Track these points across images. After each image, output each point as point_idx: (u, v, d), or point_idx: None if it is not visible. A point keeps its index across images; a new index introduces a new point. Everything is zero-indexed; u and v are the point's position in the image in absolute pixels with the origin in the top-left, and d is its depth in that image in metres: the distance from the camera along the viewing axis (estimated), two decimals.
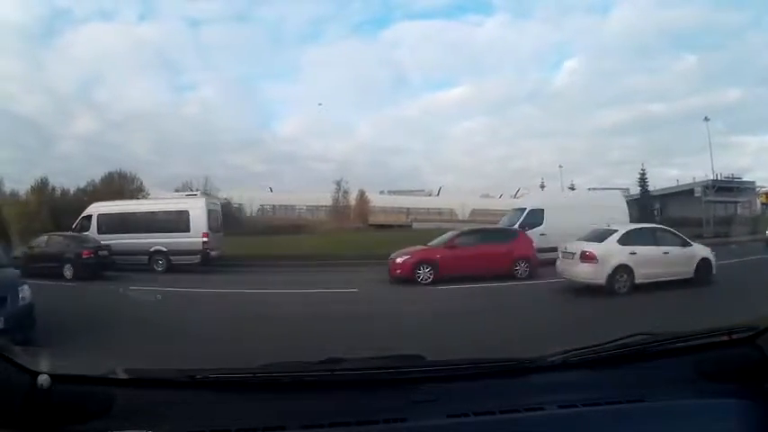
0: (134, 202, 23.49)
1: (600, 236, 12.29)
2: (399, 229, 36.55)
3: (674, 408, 1.70)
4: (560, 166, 53.97)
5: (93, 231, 17.65)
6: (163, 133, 62.81)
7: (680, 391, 1.77)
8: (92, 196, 33.96)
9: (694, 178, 41.42)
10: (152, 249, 17.36)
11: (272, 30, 71.76)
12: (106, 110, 58.02)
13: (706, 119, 38.32)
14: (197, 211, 17.88)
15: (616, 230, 12.18)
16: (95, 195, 34.20)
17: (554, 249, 15.60)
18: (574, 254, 11.89)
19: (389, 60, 75.54)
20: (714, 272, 11.90)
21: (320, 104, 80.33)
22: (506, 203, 49.93)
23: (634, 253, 11.24)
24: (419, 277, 13.85)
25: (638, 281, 10.81)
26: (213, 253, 17.83)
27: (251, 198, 43.88)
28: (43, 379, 1.58)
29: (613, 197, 21.57)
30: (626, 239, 11.67)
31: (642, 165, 43.24)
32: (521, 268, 14.55)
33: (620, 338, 1.97)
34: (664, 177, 69.28)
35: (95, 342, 5.60)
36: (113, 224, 17.87)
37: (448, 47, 73.57)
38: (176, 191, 37.19)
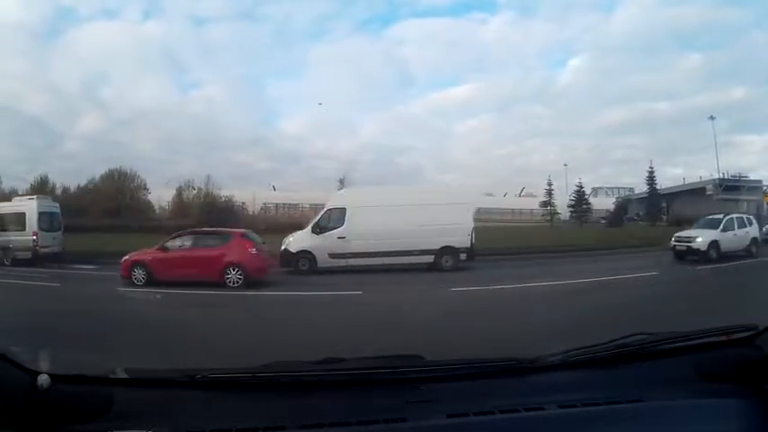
0: None
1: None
2: None
3: (673, 408, 1.69)
4: (565, 165, 54.05)
5: None
6: (167, 131, 63.35)
7: (679, 391, 1.77)
8: (92, 194, 34.33)
9: (701, 177, 41.30)
10: (3, 245, 19.55)
11: (277, 28, 72.08)
12: (111, 108, 58.53)
13: (711, 117, 38.28)
14: (30, 212, 19.91)
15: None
16: (96, 193, 34.57)
17: (357, 255, 15.01)
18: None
19: (394, 58, 75.82)
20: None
21: (320, 104, 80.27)
22: (510, 202, 50.19)
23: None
24: (135, 279, 13.23)
25: None
26: (45, 250, 19.61)
27: (254, 196, 43.96)
28: (43, 379, 1.59)
29: (462, 194, 17.79)
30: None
31: (651, 163, 43.02)
32: (232, 276, 13.04)
33: (620, 338, 1.97)
34: (668, 176, 69.02)
35: (95, 342, 5.62)
36: None
37: (453, 45, 73.88)
38: (178, 188, 37.57)
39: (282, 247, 16.30)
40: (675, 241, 18.53)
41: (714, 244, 17.54)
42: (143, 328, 6.90)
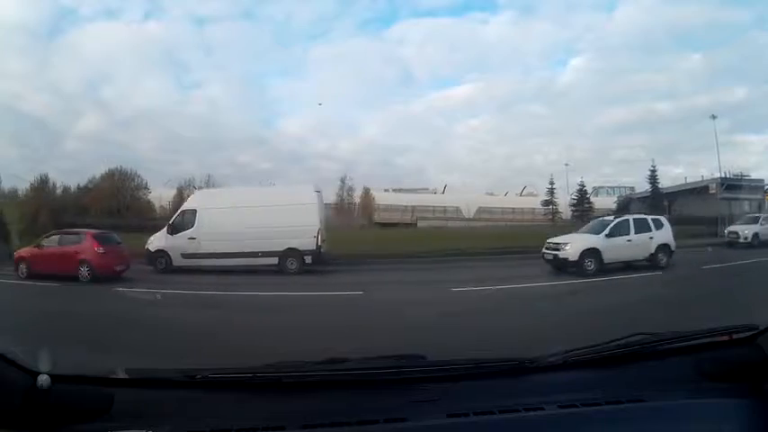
0: None
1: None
2: (404, 228, 36.48)
3: (674, 408, 1.69)
4: (566, 165, 54.00)
5: None
6: (168, 131, 63.20)
7: (680, 391, 1.77)
8: (92, 194, 34.33)
9: (702, 176, 41.18)
10: None
11: (278, 28, 71.87)
12: (112, 108, 58.50)
13: (713, 117, 38.16)
14: None
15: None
16: (96, 193, 34.56)
17: (207, 256, 15.35)
18: None
19: (395, 58, 75.54)
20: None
21: (320, 104, 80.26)
22: (511, 201, 50.13)
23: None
24: (20, 272, 14.75)
25: None
26: None
27: None
28: (43, 379, 1.59)
29: (304, 194, 16.91)
30: None
31: (653, 162, 42.90)
32: (83, 271, 14.11)
33: (620, 338, 1.96)
34: (668, 176, 68.90)
35: (95, 342, 5.61)
36: None
37: (453, 45, 73.74)
38: (178, 188, 37.60)
39: (146, 247, 16.91)
40: (545, 248, 15.53)
41: (591, 253, 14.37)
42: (143, 328, 6.90)
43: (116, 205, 32.73)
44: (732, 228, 24.51)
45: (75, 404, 1.64)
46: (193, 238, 16.06)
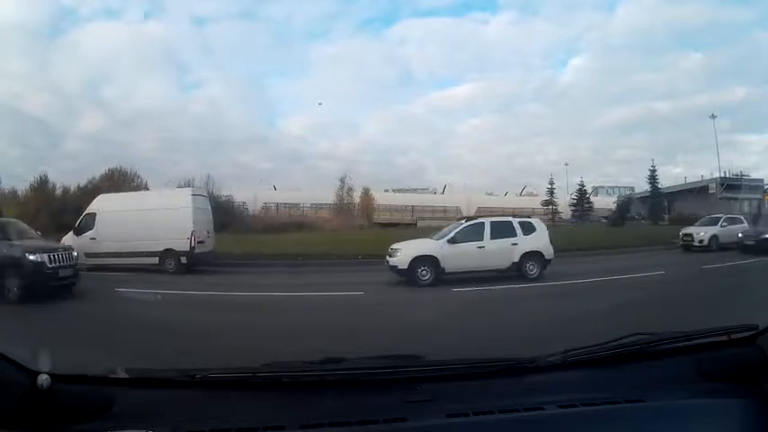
0: None
1: None
2: (404, 228, 36.52)
3: (674, 408, 1.69)
4: (566, 164, 54.12)
5: None
6: (168, 131, 63.60)
7: (680, 391, 1.77)
8: (92, 194, 34.33)
9: (702, 176, 41.24)
10: None
11: (278, 28, 71.98)
12: (112, 108, 58.58)
13: (713, 116, 38.25)
14: None
15: None
16: (96, 193, 34.57)
17: (105, 255, 16.33)
18: None
19: (396, 58, 75.73)
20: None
21: (320, 104, 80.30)
22: (511, 201, 50.23)
23: None
24: None
25: None
26: None
27: (255, 196, 44.01)
28: (43, 379, 1.59)
29: (180, 198, 17.74)
30: None
31: (653, 162, 43.00)
32: None
33: (620, 338, 1.96)
34: (668, 175, 69.02)
35: (95, 342, 5.61)
36: None
37: (454, 44, 73.82)
38: (178, 188, 37.66)
39: None
40: (387, 254, 13.58)
41: (425, 261, 12.80)
42: (143, 328, 6.89)
43: None
44: (687, 230, 22.42)
45: (75, 404, 1.64)
46: (94, 239, 16.90)
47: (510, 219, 14.28)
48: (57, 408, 1.61)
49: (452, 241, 13.25)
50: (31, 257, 10.49)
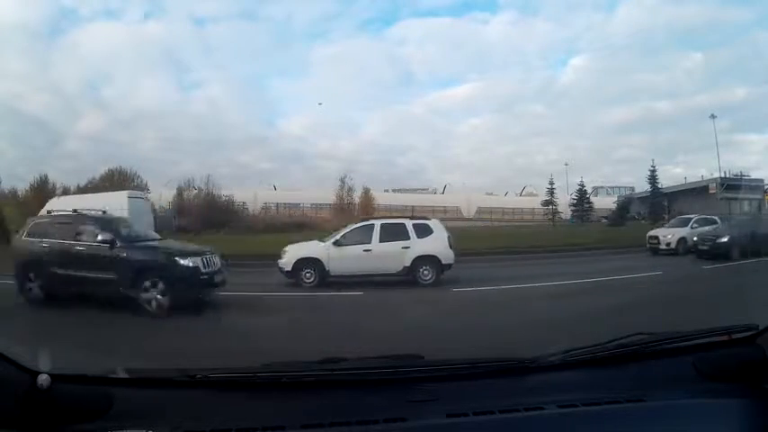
0: None
1: None
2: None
3: (674, 408, 1.69)
4: (566, 164, 54.07)
5: None
6: (168, 131, 63.11)
7: (680, 391, 1.77)
8: (92, 194, 34.38)
9: (702, 176, 41.24)
10: None
11: (278, 27, 71.46)
12: (112, 108, 58.14)
13: (712, 116, 38.21)
14: None
15: None
16: (95, 193, 34.63)
17: None
18: None
19: (396, 58, 75.10)
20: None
21: (320, 104, 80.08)
22: (511, 201, 50.24)
23: None
24: None
25: None
26: None
27: (255, 196, 44.01)
28: (43, 379, 1.59)
29: (117, 200, 18.44)
30: None
31: (653, 162, 42.97)
32: None
33: (620, 338, 1.97)
34: (668, 175, 69.06)
35: (95, 342, 5.61)
36: None
37: (454, 44, 73.47)
38: (178, 188, 37.76)
39: None
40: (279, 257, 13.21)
41: (309, 263, 12.62)
42: (143, 328, 6.90)
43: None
44: (654, 232, 20.91)
45: (75, 404, 1.64)
46: None
47: (403, 221, 13.70)
48: (57, 408, 1.61)
49: (337, 244, 12.89)
50: (184, 262, 9.22)
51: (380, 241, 12.82)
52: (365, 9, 77.20)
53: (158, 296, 8.77)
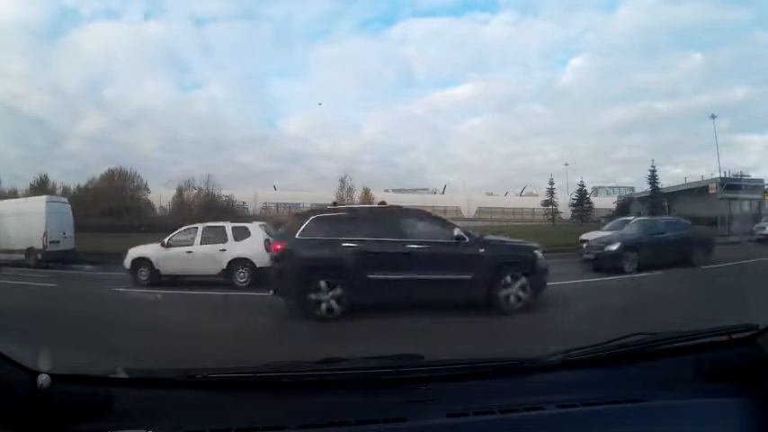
0: None
1: None
2: None
3: (674, 408, 1.69)
4: (566, 164, 54.07)
5: None
6: (168, 131, 62.91)
7: (680, 391, 1.77)
8: (92, 194, 34.42)
9: (702, 176, 41.19)
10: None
11: (278, 27, 71.42)
12: (113, 108, 58.08)
13: (713, 116, 38.17)
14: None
15: None
16: (96, 193, 34.67)
17: None
18: None
19: (396, 58, 74.98)
20: None
21: (320, 104, 79.99)
22: (511, 201, 50.26)
23: None
24: None
25: None
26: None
27: (255, 196, 44.05)
28: (43, 379, 1.59)
29: (34, 204, 20.11)
30: None
31: (653, 162, 42.95)
32: None
33: (620, 338, 1.97)
34: (668, 175, 68.96)
35: (95, 342, 5.61)
36: None
37: (454, 45, 73.24)
38: (178, 188, 37.78)
39: None
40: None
41: (143, 263, 13.22)
42: (143, 327, 6.89)
43: (116, 206, 32.78)
44: (586, 235, 17.88)
45: (75, 404, 1.64)
46: None
47: (224, 224, 14.10)
48: (57, 408, 1.61)
49: (164, 245, 13.49)
50: (540, 255, 8.95)
51: (201, 243, 13.36)
52: (365, 9, 77.34)
53: (519, 291, 8.36)
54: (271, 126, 75.15)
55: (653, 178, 41.66)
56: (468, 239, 8.60)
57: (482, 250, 8.57)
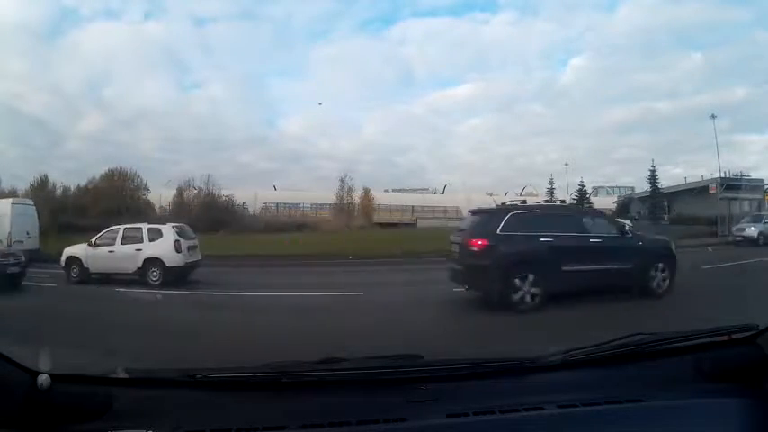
0: None
1: None
2: (404, 228, 36.45)
3: (674, 408, 1.69)
4: (566, 164, 54.12)
5: None
6: (168, 131, 63.07)
7: (680, 391, 1.77)
8: (92, 194, 34.43)
9: (702, 176, 41.17)
10: None
11: (279, 27, 71.44)
12: (113, 108, 58.15)
13: (713, 116, 38.12)
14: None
15: None
16: (95, 193, 34.67)
17: None
18: None
19: (396, 58, 75.00)
20: None
21: (320, 104, 80.00)
22: (512, 201, 50.27)
23: None
24: None
25: None
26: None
27: (255, 196, 44.03)
28: (43, 379, 1.59)
29: (2, 206, 20.70)
30: None
31: (653, 162, 42.93)
32: None
33: (620, 338, 1.97)
34: (668, 175, 69.02)
35: (95, 342, 5.61)
36: None
37: (454, 45, 73.27)
38: (178, 188, 37.78)
39: None
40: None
41: (75, 261, 14.02)
42: (143, 327, 6.89)
43: (116, 206, 32.77)
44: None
45: (75, 404, 1.64)
46: None
47: (142, 225, 14.72)
48: (57, 408, 1.61)
49: (91, 245, 14.24)
50: (673, 248, 10.05)
51: (122, 243, 14.12)
52: (365, 9, 77.34)
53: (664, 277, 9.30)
54: (271, 126, 75.24)
55: (653, 178, 41.59)
56: (631, 234, 9.67)
57: (640, 243, 9.65)
